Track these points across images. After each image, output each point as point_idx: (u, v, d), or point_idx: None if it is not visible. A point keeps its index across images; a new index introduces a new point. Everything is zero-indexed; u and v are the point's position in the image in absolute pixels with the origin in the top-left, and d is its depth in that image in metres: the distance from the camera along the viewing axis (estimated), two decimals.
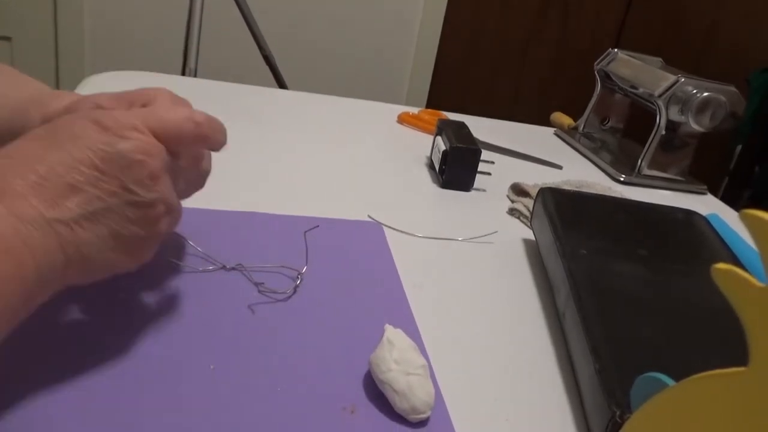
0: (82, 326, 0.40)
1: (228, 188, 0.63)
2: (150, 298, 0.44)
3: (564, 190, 0.65)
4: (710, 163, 2.30)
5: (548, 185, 0.72)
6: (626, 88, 0.99)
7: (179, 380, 0.37)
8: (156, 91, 0.42)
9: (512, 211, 0.72)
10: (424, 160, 0.84)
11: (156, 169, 0.35)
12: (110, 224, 0.34)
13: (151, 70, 1.01)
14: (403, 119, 0.98)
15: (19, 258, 0.29)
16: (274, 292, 0.47)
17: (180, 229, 0.46)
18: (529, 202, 0.72)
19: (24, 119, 0.46)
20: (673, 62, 1.02)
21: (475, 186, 0.76)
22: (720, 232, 0.63)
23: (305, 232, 0.56)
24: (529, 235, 0.67)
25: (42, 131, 0.34)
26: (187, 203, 0.44)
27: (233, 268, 0.49)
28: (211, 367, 0.39)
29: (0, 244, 0.29)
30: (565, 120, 1.12)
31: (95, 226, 0.33)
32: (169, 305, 0.44)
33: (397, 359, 0.38)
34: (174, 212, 0.38)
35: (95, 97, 0.41)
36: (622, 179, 0.91)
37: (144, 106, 0.41)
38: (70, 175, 0.32)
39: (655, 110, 0.90)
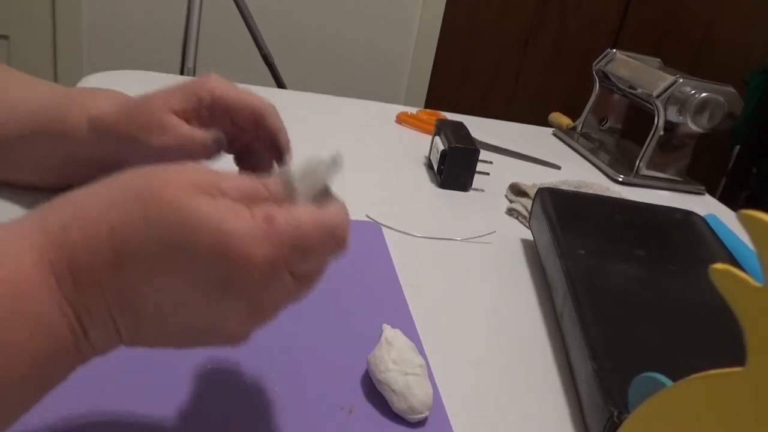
0: None
1: None
2: None
3: (562, 190, 0.66)
4: (708, 164, 2.30)
5: (546, 185, 0.72)
6: (624, 88, 0.99)
7: (177, 380, 0.37)
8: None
9: (510, 211, 0.73)
10: (423, 160, 0.84)
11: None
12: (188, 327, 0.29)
13: (149, 69, 1.01)
14: (401, 119, 0.98)
15: (73, 356, 0.27)
16: None
17: None
18: (528, 202, 0.72)
19: (60, 119, 0.46)
20: (671, 62, 1.02)
21: (473, 186, 0.76)
22: (718, 233, 0.63)
23: None
24: (528, 235, 0.67)
25: (150, 229, 0.27)
26: None
27: None
28: (209, 366, 0.39)
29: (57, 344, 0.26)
30: (564, 120, 1.12)
31: (172, 327, 0.29)
32: None
33: (395, 359, 0.38)
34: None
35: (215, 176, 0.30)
36: (620, 179, 0.91)
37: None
38: (164, 298, 0.28)
39: (654, 111, 0.91)
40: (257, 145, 0.47)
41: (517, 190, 0.76)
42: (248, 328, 0.30)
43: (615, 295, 0.49)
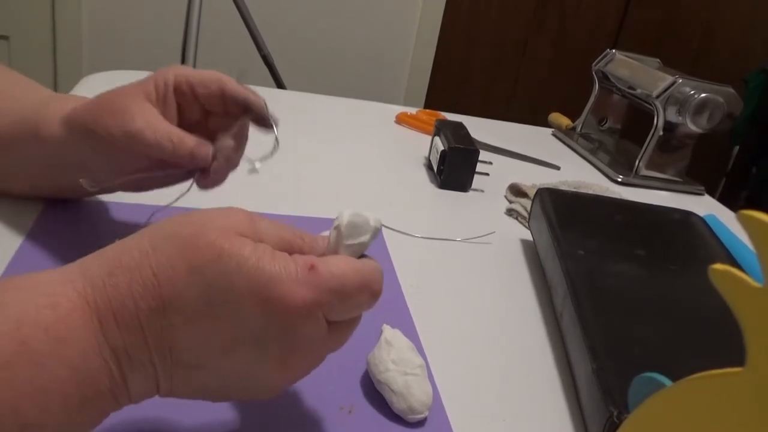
0: None
1: (224, 188, 0.63)
2: None
3: (562, 190, 0.66)
4: (707, 164, 2.30)
5: (546, 186, 0.72)
6: (624, 88, 0.99)
7: None
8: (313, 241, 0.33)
9: (510, 212, 0.73)
10: (422, 161, 0.84)
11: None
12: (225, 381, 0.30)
13: (148, 69, 1.01)
14: (401, 119, 0.98)
15: (109, 402, 0.27)
16: None
17: None
18: (527, 203, 0.72)
19: (35, 120, 0.45)
20: (670, 63, 1.02)
21: (473, 186, 0.76)
22: (717, 233, 0.63)
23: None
24: (527, 235, 0.67)
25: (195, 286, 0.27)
26: (184, 203, 0.44)
27: None
28: None
29: (93, 389, 0.26)
30: (563, 120, 1.12)
31: (204, 379, 0.29)
32: None
33: (394, 359, 0.38)
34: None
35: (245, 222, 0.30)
36: (619, 180, 0.91)
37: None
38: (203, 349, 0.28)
39: (653, 111, 0.91)
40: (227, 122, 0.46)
41: (516, 191, 0.76)
42: (283, 379, 0.31)
43: (615, 296, 0.49)
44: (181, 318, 0.27)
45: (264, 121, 0.46)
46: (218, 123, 0.46)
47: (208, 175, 0.44)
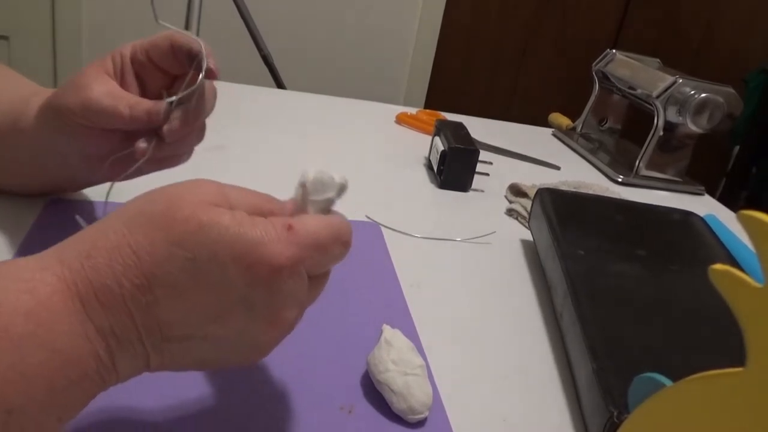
0: None
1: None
2: None
3: (562, 190, 0.66)
4: (708, 164, 2.30)
5: (546, 186, 0.72)
6: (624, 88, 0.99)
7: (176, 380, 0.37)
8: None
9: (510, 212, 0.73)
10: (422, 161, 0.84)
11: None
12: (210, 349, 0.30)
13: None
14: (401, 119, 0.98)
15: (95, 384, 0.27)
16: None
17: None
18: (527, 203, 0.72)
19: (18, 113, 0.46)
20: (670, 63, 1.02)
21: (473, 186, 0.76)
22: (717, 233, 0.63)
23: None
24: (527, 235, 0.67)
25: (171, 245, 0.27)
26: None
27: None
28: None
29: (79, 370, 0.26)
30: (563, 121, 1.12)
31: (193, 350, 0.29)
32: None
33: (394, 359, 0.38)
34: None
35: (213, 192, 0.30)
36: (619, 180, 0.91)
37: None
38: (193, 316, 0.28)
39: (653, 111, 0.91)
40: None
41: (516, 191, 0.76)
42: (273, 338, 0.31)
43: (614, 295, 0.49)
44: (167, 291, 0.27)
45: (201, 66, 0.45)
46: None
47: (163, 139, 0.44)
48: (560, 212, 0.60)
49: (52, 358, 0.25)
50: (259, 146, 0.78)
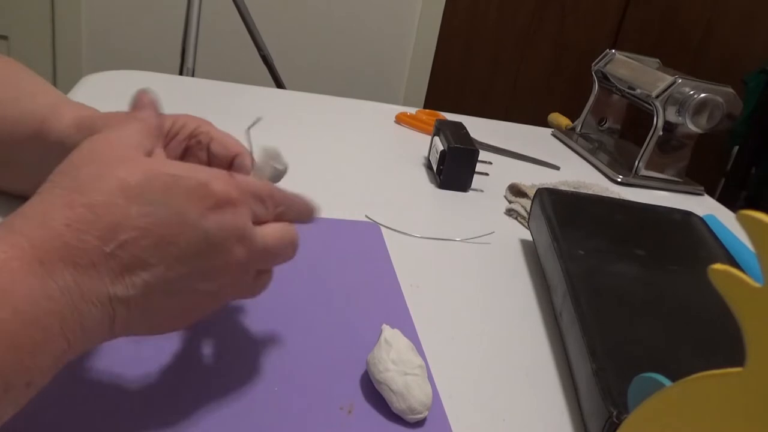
0: None
1: None
2: None
3: (561, 190, 0.66)
4: (707, 164, 2.31)
5: (546, 186, 0.72)
6: (624, 88, 0.99)
7: (176, 380, 0.37)
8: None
9: (510, 212, 0.73)
10: (422, 161, 0.84)
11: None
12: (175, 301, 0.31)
13: (148, 69, 1.01)
14: (400, 119, 0.98)
15: (61, 346, 0.27)
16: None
17: None
18: (527, 203, 0.72)
19: (44, 117, 0.46)
20: (670, 63, 1.02)
21: (472, 186, 0.76)
22: (717, 233, 0.63)
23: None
24: (527, 235, 0.67)
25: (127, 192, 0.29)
26: None
27: None
28: (208, 366, 0.39)
29: (45, 332, 0.26)
30: (563, 121, 1.12)
31: (155, 302, 0.30)
32: None
33: (394, 359, 0.38)
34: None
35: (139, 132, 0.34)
36: (619, 180, 0.91)
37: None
38: (153, 252, 0.29)
39: (653, 111, 0.91)
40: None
41: (516, 191, 0.76)
42: (246, 266, 0.33)
43: (614, 295, 0.49)
44: (132, 234, 0.28)
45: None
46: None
47: None
48: (560, 212, 0.60)
49: (14, 318, 0.25)
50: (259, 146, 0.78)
